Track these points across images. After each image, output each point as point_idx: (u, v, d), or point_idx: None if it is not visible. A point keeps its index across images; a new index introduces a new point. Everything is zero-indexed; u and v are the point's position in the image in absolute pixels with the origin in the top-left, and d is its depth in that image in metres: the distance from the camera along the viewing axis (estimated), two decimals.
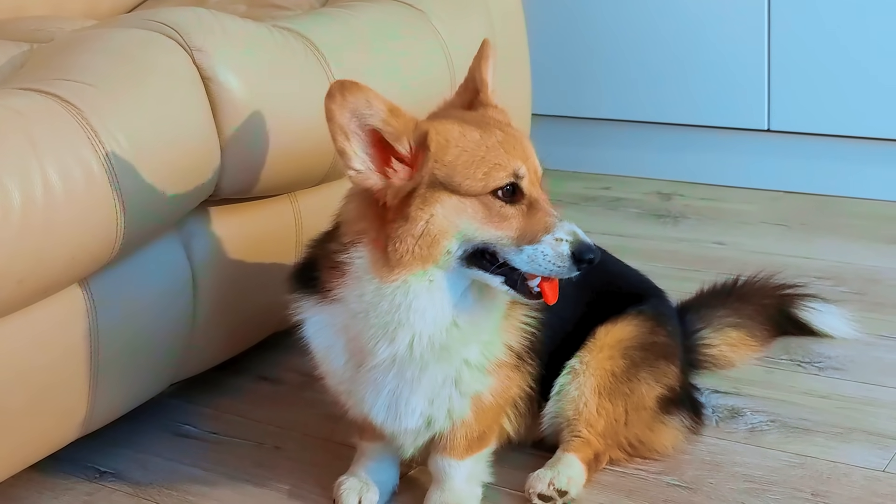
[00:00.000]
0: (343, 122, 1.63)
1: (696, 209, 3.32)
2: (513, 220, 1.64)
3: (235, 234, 2.22)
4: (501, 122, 1.72)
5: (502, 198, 1.64)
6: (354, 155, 1.65)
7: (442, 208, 1.64)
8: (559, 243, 1.62)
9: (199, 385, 2.39)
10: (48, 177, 1.72)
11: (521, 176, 1.64)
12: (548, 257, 1.62)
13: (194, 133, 1.99)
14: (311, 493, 2.01)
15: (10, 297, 1.73)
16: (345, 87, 1.62)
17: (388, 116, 1.64)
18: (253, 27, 2.17)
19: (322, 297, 1.77)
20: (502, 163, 1.64)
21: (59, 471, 2.12)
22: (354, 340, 1.76)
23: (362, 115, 1.63)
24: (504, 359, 1.80)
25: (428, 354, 1.72)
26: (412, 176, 1.64)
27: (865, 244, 2.97)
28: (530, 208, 1.65)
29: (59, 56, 1.99)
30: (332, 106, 1.63)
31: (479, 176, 1.63)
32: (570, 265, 1.62)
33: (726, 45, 3.38)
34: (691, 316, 2.27)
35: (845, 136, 3.29)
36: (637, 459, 2.03)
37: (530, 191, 1.65)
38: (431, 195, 1.64)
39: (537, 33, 3.40)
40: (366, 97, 1.63)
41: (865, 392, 2.23)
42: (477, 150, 1.65)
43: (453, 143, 1.65)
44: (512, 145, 1.66)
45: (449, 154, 1.64)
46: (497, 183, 1.63)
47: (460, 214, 1.64)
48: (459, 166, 1.64)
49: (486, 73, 1.78)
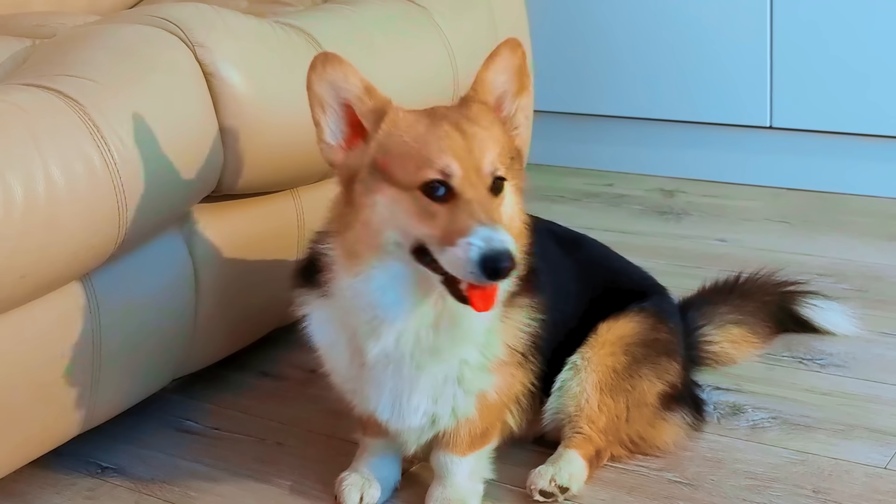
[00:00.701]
0: (320, 92, 1.67)
1: (698, 206, 3.32)
2: (438, 219, 1.58)
3: (237, 230, 2.22)
4: (463, 118, 1.66)
5: (430, 195, 1.59)
6: (327, 127, 1.69)
7: (382, 198, 1.63)
8: (470, 247, 1.53)
9: (200, 381, 2.39)
10: (50, 172, 1.72)
11: (449, 174, 1.59)
12: (461, 261, 1.54)
13: (196, 129, 1.99)
14: (312, 489, 2.01)
15: (13, 293, 1.73)
16: (327, 59, 1.67)
17: (362, 93, 1.67)
18: (255, 23, 2.17)
19: (322, 291, 1.77)
20: (433, 159, 1.59)
21: (61, 466, 2.12)
22: (354, 337, 1.76)
23: (339, 87, 1.67)
24: (506, 358, 1.79)
25: (419, 354, 1.72)
26: (359, 155, 1.66)
27: (868, 241, 2.96)
28: (459, 209, 1.58)
29: (61, 52, 1.99)
30: (312, 76, 1.67)
31: (411, 169, 1.61)
32: (479, 273, 1.53)
33: (728, 41, 3.37)
34: (693, 312, 2.27)
35: (848, 132, 3.28)
36: (638, 456, 2.03)
37: (464, 191, 1.59)
38: (374, 183, 1.63)
39: (540, 30, 3.40)
40: (344, 71, 1.67)
41: (867, 389, 2.23)
42: (414, 142, 1.62)
43: (399, 132, 1.64)
44: (451, 142, 1.61)
45: (392, 141, 1.64)
46: (423, 178, 1.59)
47: (396, 206, 1.62)
48: (397, 156, 1.63)
49: (484, 70, 1.73)
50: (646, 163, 3.62)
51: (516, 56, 1.73)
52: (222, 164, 2.06)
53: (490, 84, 1.72)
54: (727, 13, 3.36)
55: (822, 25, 3.24)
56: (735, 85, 3.39)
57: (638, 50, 3.53)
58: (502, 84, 1.73)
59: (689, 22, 3.43)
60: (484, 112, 1.70)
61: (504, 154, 1.66)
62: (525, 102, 1.76)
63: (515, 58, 1.73)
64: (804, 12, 3.25)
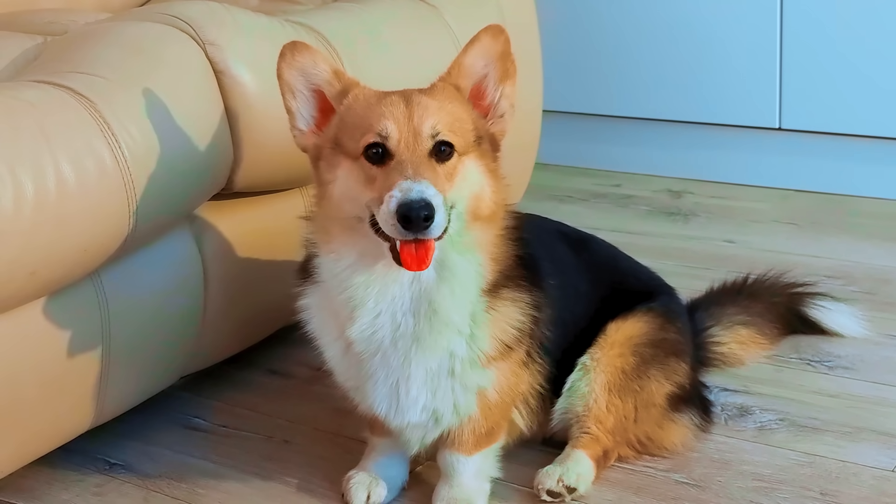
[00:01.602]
0: (290, 80, 1.72)
1: (706, 207, 3.32)
2: (377, 182, 1.62)
3: (247, 228, 2.22)
4: (418, 92, 1.69)
5: (370, 159, 1.64)
6: (298, 114, 1.74)
7: (341, 171, 1.67)
8: (391, 199, 1.56)
9: (208, 378, 2.39)
10: (61, 169, 1.72)
11: (385, 136, 1.62)
12: (385, 215, 1.58)
13: (206, 126, 1.99)
14: (319, 487, 2.01)
15: (23, 289, 1.73)
16: (295, 48, 1.72)
17: (331, 77, 1.72)
18: (265, 21, 2.17)
19: (313, 280, 1.80)
20: (373, 124, 1.64)
21: (69, 462, 2.13)
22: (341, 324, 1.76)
23: (308, 73, 1.72)
24: (494, 353, 1.77)
25: (402, 341, 1.72)
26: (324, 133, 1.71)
27: (876, 243, 2.96)
28: (391, 168, 1.61)
29: (72, 49, 2.00)
30: (282, 64, 1.72)
31: (357, 136, 1.65)
32: (397, 223, 1.55)
33: (738, 42, 3.37)
34: (701, 313, 2.27)
35: (857, 134, 3.28)
36: (646, 457, 2.03)
37: (398, 152, 1.62)
38: (334, 158, 1.69)
39: (549, 30, 3.40)
40: (313, 58, 1.72)
41: (875, 392, 2.23)
42: (361, 112, 1.68)
43: (354, 106, 1.70)
44: (393, 109, 1.65)
45: (348, 115, 1.69)
46: (364, 143, 1.64)
47: (349, 177, 1.66)
48: (349, 127, 1.68)
49: (462, 55, 1.74)
50: (654, 163, 3.62)
51: (498, 42, 1.73)
52: (232, 162, 2.07)
53: (466, 68, 1.74)
54: (737, 14, 3.35)
55: (832, 27, 3.23)
56: (745, 86, 3.39)
57: (647, 50, 3.52)
58: (481, 69, 1.74)
59: (699, 23, 3.42)
60: (445, 89, 1.72)
61: (461, 128, 1.67)
62: (509, 90, 1.76)
63: (497, 44, 1.73)
64: (814, 14, 3.25)
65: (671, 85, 3.51)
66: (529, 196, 3.04)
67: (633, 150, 3.65)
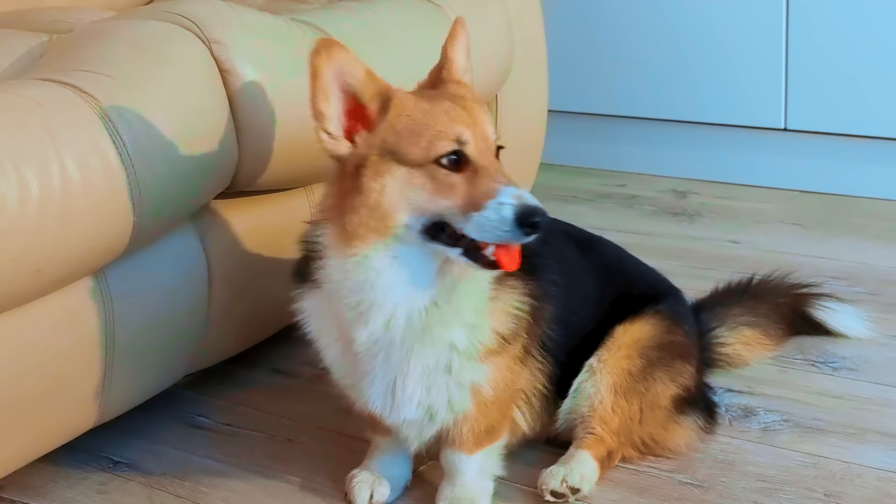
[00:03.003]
0: (327, 80, 1.63)
1: (711, 207, 3.32)
2: (458, 189, 1.61)
3: (251, 227, 2.22)
4: (455, 95, 1.70)
5: (447, 166, 1.62)
6: (330, 117, 1.66)
7: (392, 180, 1.63)
8: (502, 207, 1.58)
9: (212, 377, 2.40)
10: (66, 167, 1.72)
11: (463, 142, 1.62)
12: (493, 223, 1.58)
13: (211, 125, 1.99)
14: (323, 486, 2.01)
15: (27, 287, 1.73)
16: (330, 45, 1.63)
17: (366, 78, 1.66)
18: (271, 20, 2.17)
19: (313, 283, 1.78)
20: (445, 130, 1.62)
21: (72, 460, 2.13)
22: (343, 325, 1.76)
23: (344, 73, 1.64)
24: (493, 346, 1.77)
25: (410, 337, 1.71)
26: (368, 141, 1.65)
27: (882, 245, 2.96)
28: (476, 175, 1.61)
29: (77, 47, 2.00)
30: (318, 62, 1.62)
31: (423, 145, 1.62)
32: (515, 229, 1.57)
33: (744, 42, 3.37)
34: (706, 314, 2.27)
35: (863, 135, 3.28)
36: (650, 457, 2.03)
37: (476, 158, 1.62)
38: (382, 165, 1.63)
39: (555, 30, 3.40)
40: (349, 57, 1.64)
41: (880, 393, 2.23)
42: (423, 118, 1.64)
43: (405, 112, 1.65)
44: (457, 113, 1.64)
45: (400, 122, 1.64)
46: (440, 151, 1.61)
47: (410, 185, 1.62)
48: (407, 135, 1.63)
49: (451, 51, 1.77)
50: (659, 163, 3.62)
51: (466, 33, 1.79)
52: (237, 161, 2.07)
53: (458, 63, 1.78)
54: (743, 14, 3.35)
55: (838, 28, 3.23)
56: (750, 87, 3.38)
57: (652, 51, 3.52)
58: (463, 61, 1.79)
59: (705, 23, 3.42)
60: (468, 89, 1.75)
61: None
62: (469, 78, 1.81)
63: (466, 35, 1.79)
64: (820, 14, 3.25)
65: (676, 85, 3.51)
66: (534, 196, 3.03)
67: (638, 151, 3.65)
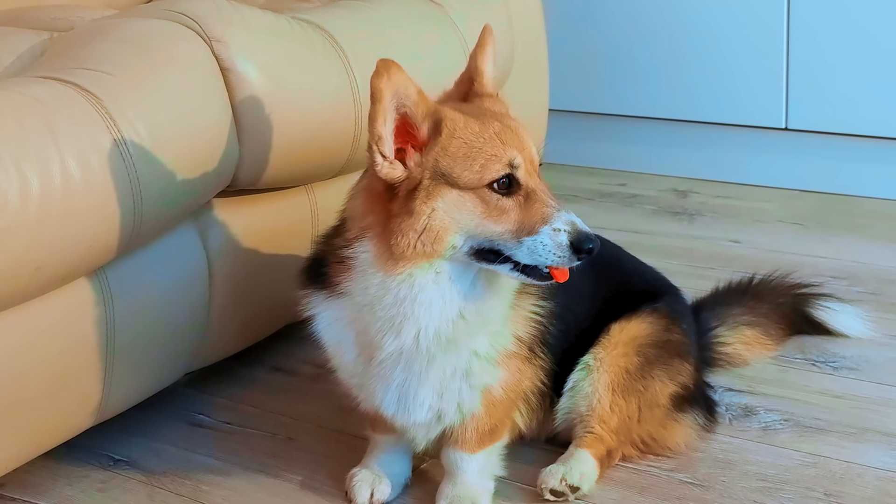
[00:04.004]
0: (388, 102, 1.59)
1: (711, 207, 3.32)
2: (511, 213, 1.62)
3: (252, 226, 2.22)
4: (498, 113, 1.69)
5: (498, 190, 1.61)
6: (388, 140, 1.62)
7: (443, 203, 1.62)
8: (557, 233, 1.60)
9: (213, 375, 2.40)
10: (67, 165, 1.73)
11: (516, 166, 1.62)
12: (547, 248, 1.60)
13: (212, 123, 1.99)
14: (323, 485, 2.02)
15: (28, 285, 1.74)
16: (390, 67, 1.58)
17: (418, 99, 1.62)
18: (272, 18, 2.17)
19: (330, 291, 1.77)
20: (498, 154, 1.61)
21: (73, 458, 2.13)
22: (363, 334, 1.76)
23: (402, 96, 1.60)
24: (513, 349, 1.79)
25: (434, 347, 1.72)
26: (421, 164, 1.63)
27: (882, 244, 2.96)
28: (527, 199, 1.62)
29: (78, 45, 2.00)
30: (381, 85, 1.58)
31: (476, 168, 1.61)
32: (570, 255, 1.60)
33: (745, 42, 3.37)
34: (706, 314, 2.27)
35: (863, 135, 3.27)
36: (649, 456, 2.03)
37: (527, 181, 1.63)
38: (434, 188, 1.62)
39: (555, 29, 3.40)
40: (406, 79, 1.60)
41: (880, 392, 2.23)
42: (475, 141, 1.62)
43: (457, 134, 1.63)
44: (508, 136, 1.64)
45: (453, 144, 1.62)
46: (493, 175, 1.61)
47: (461, 209, 1.62)
48: (459, 158, 1.62)
49: (482, 62, 1.75)
50: (659, 163, 3.62)
51: (493, 40, 1.77)
52: (238, 159, 2.07)
53: (488, 74, 1.76)
54: (744, 14, 3.35)
55: (840, 28, 3.23)
56: (751, 86, 3.38)
57: (653, 50, 3.52)
58: (491, 70, 1.78)
59: (706, 22, 3.42)
60: (503, 104, 1.74)
61: None
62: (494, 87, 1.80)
63: (493, 42, 1.77)
64: (821, 14, 3.24)
65: (677, 84, 3.51)
66: None
67: (639, 150, 3.65)
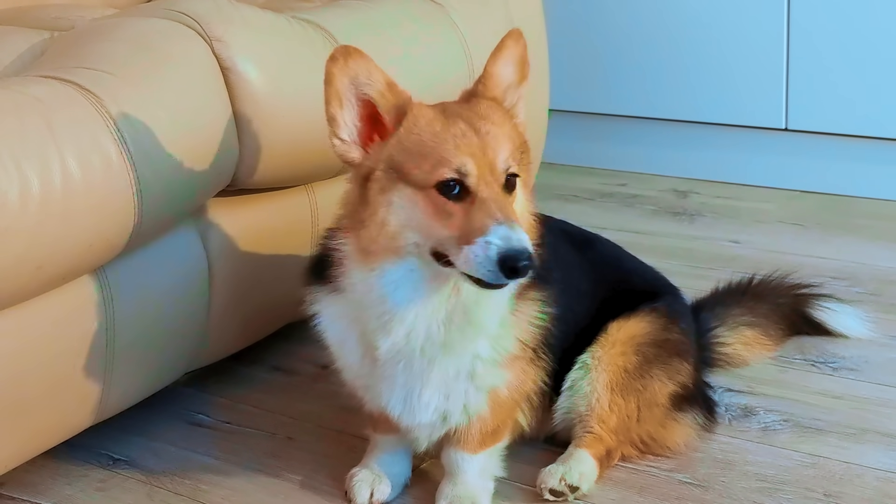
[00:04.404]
0: (341, 87, 1.63)
1: (712, 207, 3.32)
2: (455, 219, 1.58)
3: (252, 225, 2.22)
4: (476, 116, 1.65)
5: (446, 194, 1.59)
6: (343, 124, 1.65)
7: (399, 198, 1.61)
8: (488, 247, 1.53)
9: (213, 374, 2.40)
10: (67, 164, 1.73)
11: (464, 173, 1.58)
12: (479, 259, 1.54)
13: (212, 123, 1.99)
14: (323, 485, 2.01)
15: (28, 284, 1.74)
16: (348, 53, 1.62)
17: (384, 89, 1.64)
18: (272, 18, 2.17)
19: (331, 288, 1.77)
20: (449, 158, 1.59)
21: (72, 457, 2.13)
22: (365, 332, 1.76)
23: (361, 83, 1.63)
24: (517, 353, 1.79)
25: (430, 349, 1.72)
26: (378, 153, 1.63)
27: (882, 245, 2.96)
28: (476, 208, 1.57)
29: (79, 44, 2.00)
30: (334, 69, 1.62)
31: (426, 168, 1.60)
32: (497, 272, 1.53)
33: (745, 42, 3.37)
34: (706, 314, 2.27)
35: (864, 136, 3.27)
36: (649, 456, 2.03)
37: (479, 189, 1.58)
38: (390, 182, 1.62)
39: (556, 29, 3.40)
40: (367, 66, 1.63)
41: (879, 393, 2.23)
42: (430, 140, 1.61)
43: (416, 130, 1.63)
44: (467, 141, 1.60)
45: (410, 139, 1.63)
46: (439, 177, 1.59)
47: (413, 207, 1.61)
48: (413, 154, 1.61)
49: (491, 64, 1.72)
50: (660, 163, 3.62)
51: (519, 46, 1.73)
52: (238, 159, 2.07)
53: (498, 77, 1.73)
54: (744, 14, 3.35)
55: (840, 28, 3.23)
56: (751, 86, 3.38)
57: (654, 50, 3.52)
58: (509, 76, 1.74)
59: (706, 22, 3.42)
60: (495, 108, 1.70)
61: (516, 150, 1.66)
62: (524, 91, 1.76)
63: (518, 48, 1.73)
64: (822, 14, 3.24)
65: (677, 84, 3.51)
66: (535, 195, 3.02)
67: (639, 150, 3.65)
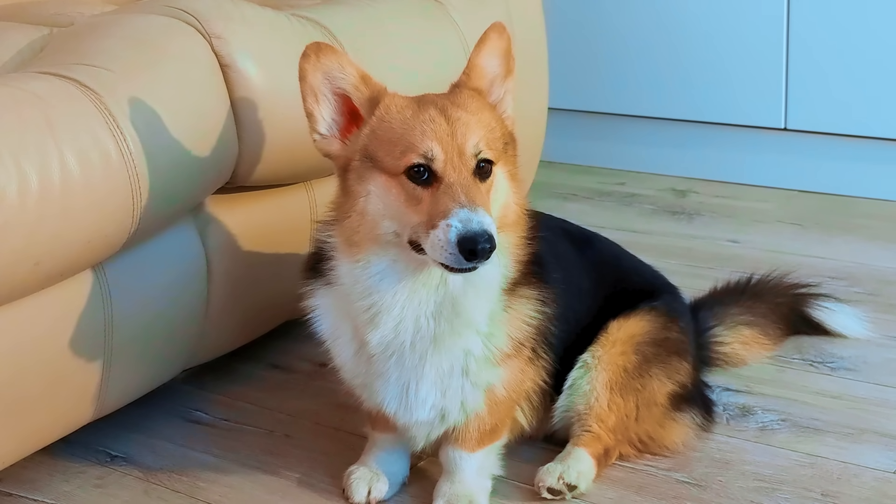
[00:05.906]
0: (315, 83, 1.67)
1: (710, 206, 3.32)
2: (423, 204, 1.60)
3: (251, 222, 2.22)
4: (450, 104, 1.66)
5: (415, 179, 1.61)
6: (321, 118, 1.69)
7: (375, 186, 1.63)
8: (448, 229, 1.55)
9: (211, 372, 2.40)
10: (66, 160, 1.73)
11: (431, 158, 1.60)
12: (441, 242, 1.56)
13: (212, 120, 1.99)
14: (320, 482, 2.01)
15: (27, 280, 1.74)
16: (320, 49, 1.66)
17: (358, 82, 1.67)
18: (272, 15, 2.17)
19: (325, 281, 1.78)
20: (416, 143, 1.61)
21: (70, 454, 2.13)
22: (356, 327, 1.76)
23: (334, 77, 1.67)
24: (509, 351, 1.78)
25: (420, 343, 1.72)
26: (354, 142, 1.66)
27: (881, 245, 2.96)
28: (440, 192, 1.59)
29: (78, 40, 2.00)
30: (306, 66, 1.66)
31: (396, 154, 1.62)
32: (457, 254, 1.54)
33: (744, 42, 3.37)
34: (704, 313, 2.27)
35: (862, 136, 3.28)
36: (647, 455, 2.03)
37: (446, 174, 1.60)
38: (365, 171, 1.64)
39: (555, 28, 3.40)
40: (339, 61, 1.66)
41: (877, 393, 2.23)
42: (400, 128, 1.63)
43: (388, 118, 1.65)
44: (434, 126, 1.62)
45: (381, 127, 1.65)
46: (406, 163, 1.61)
47: (388, 194, 1.63)
48: (384, 142, 1.64)
49: (475, 55, 1.74)
50: (658, 162, 3.62)
51: (503, 39, 1.75)
52: (237, 155, 2.07)
53: (482, 69, 1.74)
54: (744, 14, 3.35)
55: (839, 28, 3.23)
56: (750, 86, 3.38)
57: (653, 49, 3.52)
58: (493, 68, 1.75)
59: (706, 22, 3.42)
60: (473, 97, 1.71)
61: (494, 139, 1.67)
62: (511, 86, 1.77)
63: (503, 41, 1.75)
64: (821, 14, 3.25)
65: (677, 84, 3.51)
66: (534, 194, 3.03)
67: (638, 149, 3.65)
